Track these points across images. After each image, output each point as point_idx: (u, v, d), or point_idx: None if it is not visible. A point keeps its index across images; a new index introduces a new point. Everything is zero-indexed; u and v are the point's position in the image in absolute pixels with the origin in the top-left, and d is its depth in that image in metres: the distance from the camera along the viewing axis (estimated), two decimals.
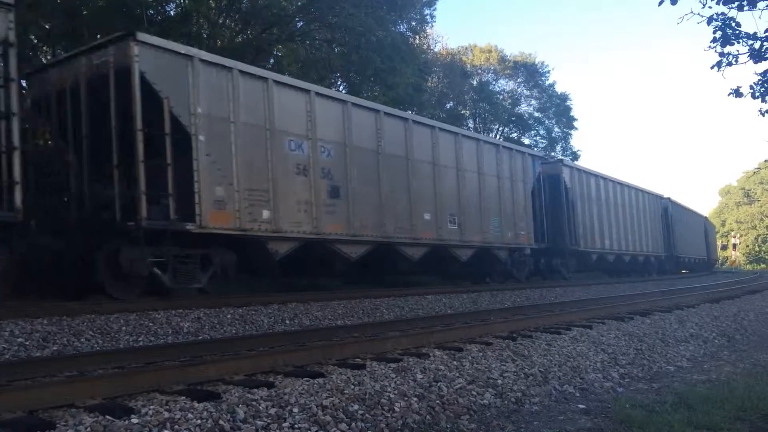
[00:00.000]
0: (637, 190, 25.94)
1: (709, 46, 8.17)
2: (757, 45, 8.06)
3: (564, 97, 41.80)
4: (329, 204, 11.37)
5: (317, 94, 11.56)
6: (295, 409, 3.53)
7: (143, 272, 8.89)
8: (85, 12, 15.30)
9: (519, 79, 41.01)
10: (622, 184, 24.37)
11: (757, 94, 8.42)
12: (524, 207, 17.33)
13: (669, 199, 29.85)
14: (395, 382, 4.29)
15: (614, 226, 22.77)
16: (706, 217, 41.45)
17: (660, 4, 7.80)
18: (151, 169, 8.78)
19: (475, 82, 38.79)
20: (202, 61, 9.64)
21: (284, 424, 3.33)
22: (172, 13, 19.48)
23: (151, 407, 3.36)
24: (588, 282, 20.03)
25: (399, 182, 13.11)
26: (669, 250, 28.95)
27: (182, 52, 9.46)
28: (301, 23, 21.50)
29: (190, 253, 9.46)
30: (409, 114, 13.70)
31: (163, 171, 8.90)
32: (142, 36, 8.94)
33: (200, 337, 7.01)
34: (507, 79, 40.92)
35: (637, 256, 25.00)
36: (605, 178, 23.02)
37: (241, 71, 10.19)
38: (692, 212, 35.95)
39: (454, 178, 14.67)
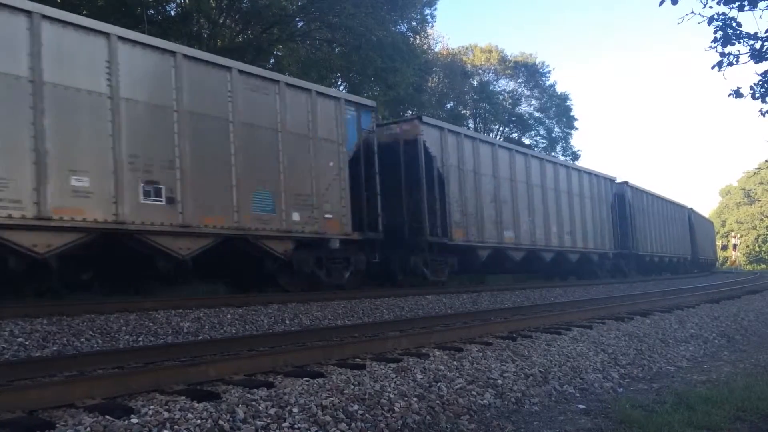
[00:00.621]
0: (572, 168, 20.60)
1: (710, 46, 8.18)
2: (757, 45, 8.07)
3: (564, 97, 41.90)
4: None
5: None
6: (295, 409, 3.53)
7: None
8: (84, 12, 15.31)
9: (519, 80, 41.07)
10: (542, 159, 19.13)
11: (758, 94, 8.43)
12: (336, 178, 11.77)
13: (626, 183, 24.43)
14: (395, 382, 4.29)
15: (526, 214, 17.17)
16: (691, 209, 34.97)
17: (661, 4, 7.81)
18: None
19: (475, 82, 38.85)
20: None
21: (284, 424, 3.33)
22: (172, 12, 19.51)
23: (151, 407, 3.36)
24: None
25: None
26: (624, 247, 23.69)
27: None
28: (302, 23, 21.54)
29: None
30: (38, 6, 8.17)
31: None
32: None
33: (200, 337, 7.01)
34: (507, 79, 41.01)
35: (567, 252, 19.45)
36: (510, 149, 17.33)
37: None
38: (668, 202, 29.92)
39: (169, 126, 9.31)
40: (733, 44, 8.11)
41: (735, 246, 57.86)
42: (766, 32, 8.02)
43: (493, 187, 15.99)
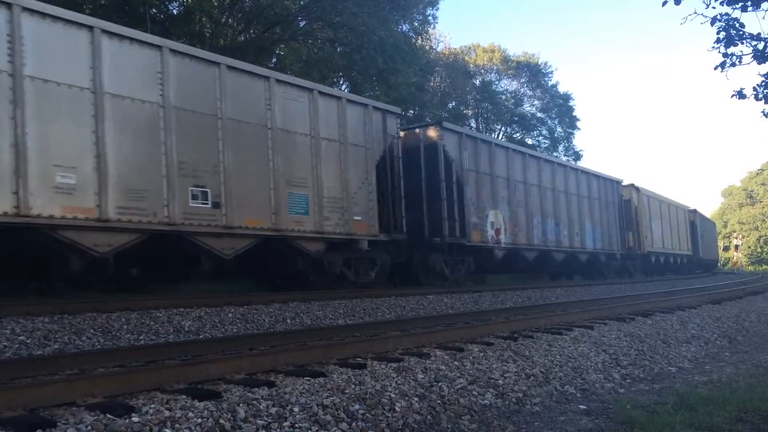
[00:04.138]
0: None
1: (713, 47, 8.17)
2: (760, 46, 8.06)
3: (566, 97, 41.83)
4: None
5: None
6: (296, 409, 3.53)
7: None
8: (87, 10, 15.32)
9: (522, 80, 41.00)
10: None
11: (761, 95, 8.42)
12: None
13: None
14: (396, 382, 4.29)
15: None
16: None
17: (664, 4, 7.81)
18: None
19: (477, 82, 38.79)
20: None
21: (285, 424, 3.33)
22: (174, 11, 19.51)
23: (152, 406, 3.36)
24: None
25: None
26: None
27: None
28: (304, 22, 21.53)
29: None
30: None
31: None
32: None
33: (201, 336, 7.01)
34: (510, 79, 40.94)
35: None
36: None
37: None
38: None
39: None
40: (736, 45, 8.11)
41: (737, 247, 57.75)
42: None
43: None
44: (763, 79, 8.46)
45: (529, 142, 39.33)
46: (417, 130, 14.77)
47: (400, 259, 13.49)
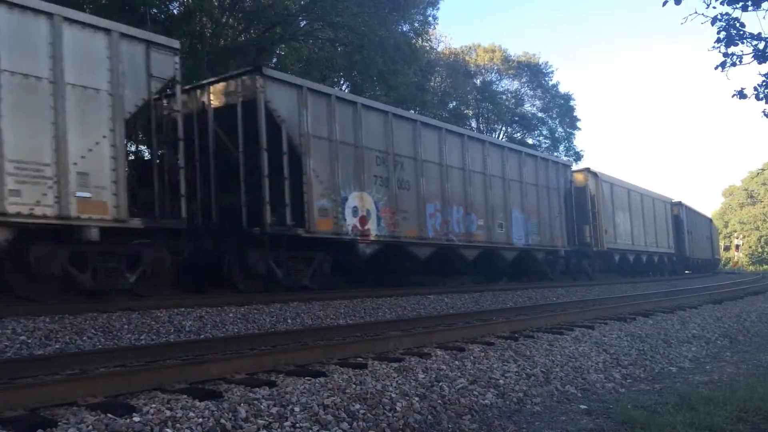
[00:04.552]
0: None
1: (713, 47, 8.16)
2: (761, 45, 8.05)
3: (567, 97, 41.78)
4: None
5: None
6: (297, 408, 3.53)
7: None
8: (87, 10, 15.32)
9: (522, 79, 40.97)
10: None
11: (761, 95, 8.41)
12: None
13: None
14: (397, 382, 4.29)
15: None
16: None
17: (664, 4, 7.80)
18: None
19: (478, 82, 38.78)
20: None
21: (285, 423, 3.33)
22: (175, 11, 19.51)
23: (153, 406, 3.36)
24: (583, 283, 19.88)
25: None
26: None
27: None
28: (305, 22, 21.53)
29: None
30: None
31: None
32: None
33: (202, 336, 7.01)
34: (511, 79, 40.89)
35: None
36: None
37: None
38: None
39: None
40: (736, 45, 8.09)
41: (738, 247, 57.70)
42: None
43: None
44: (763, 78, 8.45)
45: (530, 141, 39.32)
46: (233, 81, 11.07)
47: (180, 255, 9.92)
